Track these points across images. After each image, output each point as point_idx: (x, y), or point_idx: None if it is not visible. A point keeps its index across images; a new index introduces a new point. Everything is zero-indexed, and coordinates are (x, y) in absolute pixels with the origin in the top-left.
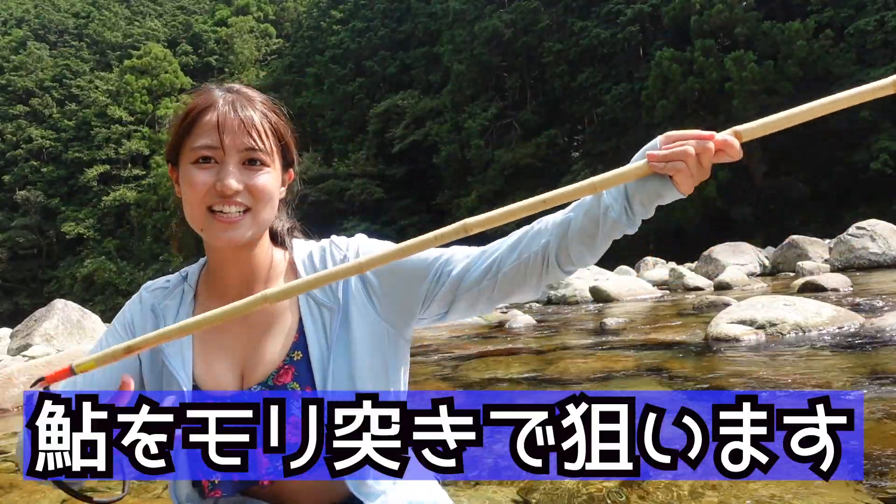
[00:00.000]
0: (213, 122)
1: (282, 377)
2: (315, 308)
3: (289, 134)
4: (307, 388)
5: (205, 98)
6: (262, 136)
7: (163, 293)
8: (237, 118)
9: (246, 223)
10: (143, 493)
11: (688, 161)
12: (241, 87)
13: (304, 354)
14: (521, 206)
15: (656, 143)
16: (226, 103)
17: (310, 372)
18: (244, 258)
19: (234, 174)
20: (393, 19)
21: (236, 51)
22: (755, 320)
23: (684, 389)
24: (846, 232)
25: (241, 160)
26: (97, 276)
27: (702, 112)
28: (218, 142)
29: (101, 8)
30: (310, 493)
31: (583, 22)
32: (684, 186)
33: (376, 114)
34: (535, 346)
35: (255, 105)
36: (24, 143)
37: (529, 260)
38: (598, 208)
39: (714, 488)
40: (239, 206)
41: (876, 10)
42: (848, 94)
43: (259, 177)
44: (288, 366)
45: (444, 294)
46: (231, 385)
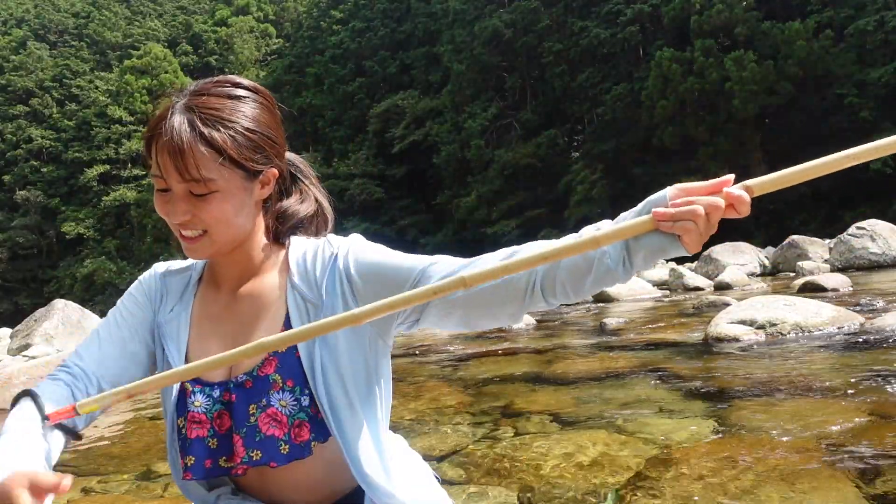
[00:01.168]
0: (158, 146)
1: (265, 368)
2: (301, 302)
3: (265, 132)
4: (288, 381)
5: (160, 115)
6: (199, 166)
7: (174, 270)
8: (175, 148)
9: (205, 244)
10: (142, 492)
11: (697, 221)
12: (208, 84)
13: (287, 347)
14: (518, 262)
15: (665, 197)
16: (168, 129)
17: (291, 365)
18: (232, 258)
19: (179, 205)
20: (393, 19)
21: (236, 51)
22: (755, 320)
23: (685, 389)
24: (846, 232)
25: (184, 190)
26: (97, 276)
27: (702, 112)
28: (160, 172)
29: (101, 8)
30: (306, 489)
31: (583, 22)
32: (692, 245)
33: (376, 114)
34: (534, 346)
35: (208, 121)
36: (24, 143)
37: (512, 282)
38: (595, 252)
39: (714, 489)
40: (195, 230)
41: (876, 10)
42: (866, 147)
43: (206, 205)
44: (272, 357)
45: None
46: (220, 372)
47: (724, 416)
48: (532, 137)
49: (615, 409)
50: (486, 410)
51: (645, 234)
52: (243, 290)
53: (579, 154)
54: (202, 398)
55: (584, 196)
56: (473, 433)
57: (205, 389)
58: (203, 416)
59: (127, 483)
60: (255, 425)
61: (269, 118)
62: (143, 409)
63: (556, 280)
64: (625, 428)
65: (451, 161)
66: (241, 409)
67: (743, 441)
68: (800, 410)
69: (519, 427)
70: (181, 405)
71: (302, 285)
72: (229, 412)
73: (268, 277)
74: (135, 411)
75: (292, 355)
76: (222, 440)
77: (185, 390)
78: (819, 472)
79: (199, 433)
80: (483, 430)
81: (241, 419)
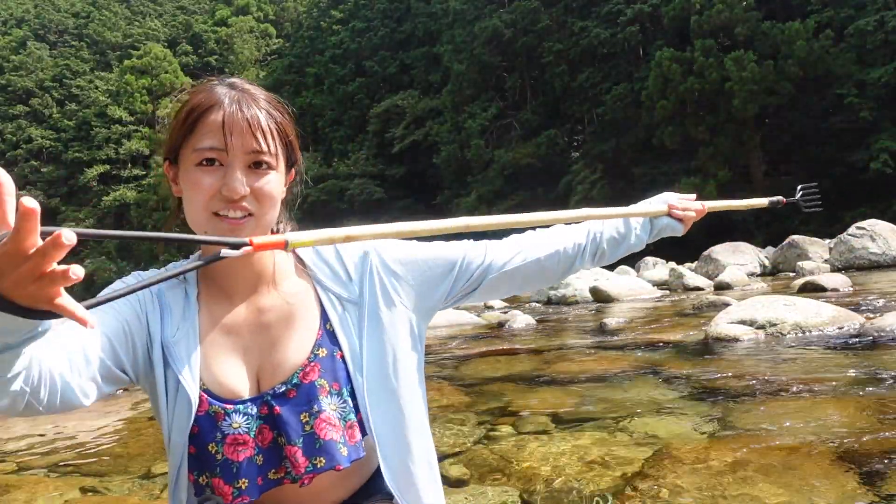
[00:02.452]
0: (218, 122)
1: (308, 374)
2: (338, 303)
3: (293, 133)
4: (334, 384)
5: (208, 96)
6: (267, 138)
7: (169, 284)
8: (243, 118)
9: (249, 227)
10: (142, 492)
11: (698, 213)
12: (243, 82)
13: (328, 351)
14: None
15: (672, 198)
16: (232, 102)
17: (335, 368)
18: (251, 259)
19: (239, 178)
20: (393, 19)
21: (236, 51)
22: (755, 320)
23: (684, 389)
24: (846, 232)
25: (246, 163)
26: (97, 276)
27: (702, 112)
28: (223, 144)
29: (101, 8)
30: (329, 489)
31: (583, 22)
32: (687, 228)
33: (376, 114)
34: (534, 346)
35: (260, 103)
36: (24, 143)
37: (565, 252)
38: (628, 229)
39: (714, 489)
40: (243, 211)
41: (876, 10)
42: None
43: (264, 180)
44: (313, 363)
45: (473, 281)
46: (247, 388)
47: (723, 415)
48: (532, 137)
49: (615, 409)
50: (486, 410)
51: (660, 217)
52: (262, 299)
53: (579, 154)
54: (240, 418)
55: (584, 196)
56: (473, 433)
57: (239, 408)
58: (247, 436)
59: (127, 483)
60: (311, 433)
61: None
62: (142, 409)
63: (598, 248)
64: (624, 428)
65: (451, 161)
66: (290, 420)
67: (743, 441)
68: (800, 410)
69: (519, 427)
70: (210, 430)
71: (334, 286)
72: (270, 425)
73: (288, 280)
74: (134, 411)
75: (334, 357)
76: (268, 454)
77: (216, 414)
78: (819, 471)
79: (247, 454)
80: (483, 430)
81: (294, 430)
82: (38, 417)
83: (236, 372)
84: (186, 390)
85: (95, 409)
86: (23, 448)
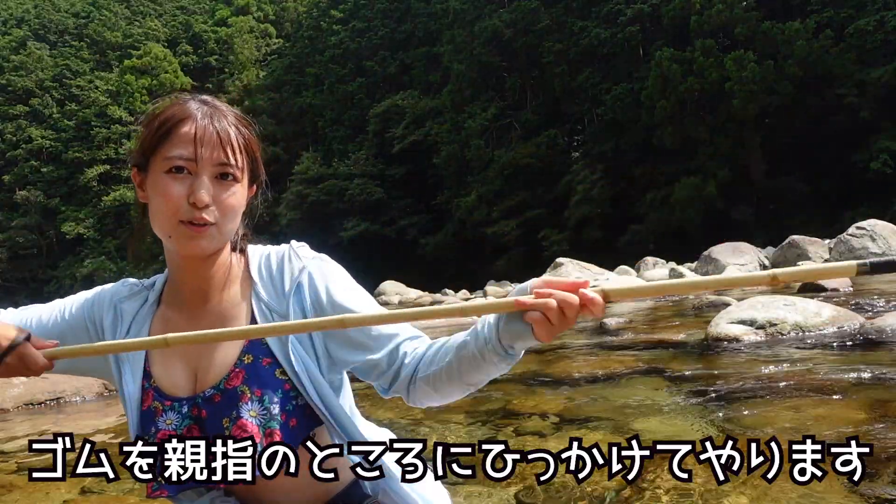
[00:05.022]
0: (190, 133)
1: (232, 380)
2: (268, 312)
3: (258, 150)
4: (256, 391)
5: (181, 108)
6: (235, 152)
7: (131, 293)
8: (214, 132)
9: (212, 234)
10: (142, 492)
11: (548, 314)
12: (214, 99)
13: (253, 358)
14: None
15: (526, 288)
16: (204, 116)
17: (259, 375)
18: (203, 268)
19: (206, 187)
20: (393, 19)
21: (236, 51)
22: (755, 320)
23: (685, 389)
24: (846, 232)
25: (213, 174)
26: (97, 276)
27: (702, 112)
28: (193, 154)
29: (101, 8)
30: (296, 490)
31: (583, 22)
32: (543, 335)
33: (376, 114)
34: (534, 345)
35: (230, 119)
36: (24, 143)
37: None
38: (483, 341)
39: (714, 489)
40: (206, 220)
41: (876, 10)
42: (724, 278)
43: (229, 192)
44: (238, 369)
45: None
46: (186, 388)
47: (724, 415)
48: (532, 137)
49: (615, 409)
50: (486, 410)
51: (511, 320)
52: (207, 305)
53: (579, 154)
54: (173, 415)
55: (584, 196)
56: (473, 433)
57: (174, 406)
58: (173, 432)
59: (126, 483)
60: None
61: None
62: None
63: (453, 370)
64: (625, 427)
65: (451, 161)
66: (214, 424)
67: (743, 441)
68: (800, 410)
69: (519, 427)
70: (147, 424)
71: (267, 296)
72: (199, 426)
73: (231, 290)
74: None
75: (259, 364)
76: None
77: (156, 410)
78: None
79: None
80: (483, 430)
81: (216, 433)
82: (39, 417)
83: (177, 372)
84: (127, 387)
85: (95, 409)
86: (23, 448)
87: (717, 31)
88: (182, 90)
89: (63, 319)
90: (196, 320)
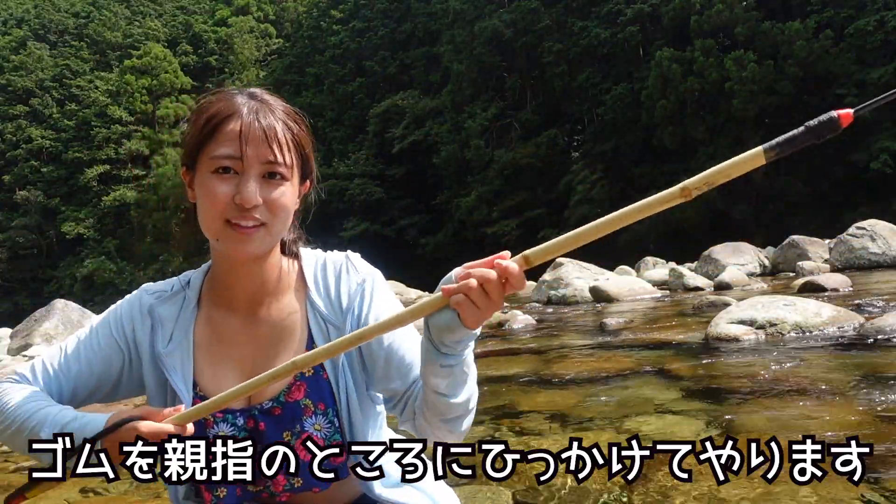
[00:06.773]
0: (235, 131)
1: (294, 394)
2: (322, 324)
3: (309, 146)
4: (320, 404)
5: (227, 104)
6: (283, 149)
7: (162, 298)
8: (260, 129)
9: (260, 236)
10: (142, 492)
11: (470, 294)
12: (263, 93)
13: (314, 370)
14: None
15: (451, 277)
16: (250, 112)
17: (321, 388)
18: (255, 270)
19: (253, 187)
20: (393, 19)
21: (236, 51)
22: (755, 320)
23: (685, 389)
24: (846, 232)
25: (261, 172)
26: (97, 276)
27: (702, 112)
28: (239, 152)
29: (101, 8)
30: (322, 499)
31: (583, 22)
32: (469, 320)
33: (376, 114)
34: (535, 346)
35: (278, 114)
36: (24, 143)
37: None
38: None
39: (714, 489)
40: (255, 220)
41: (876, 10)
42: (638, 205)
43: (278, 191)
44: (300, 382)
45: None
46: (240, 401)
47: (723, 415)
48: (532, 137)
49: (615, 409)
50: (487, 410)
51: (436, 312)
52: (261, 310)
53: (579, 154)
54: (227, 427)
55: (584, 196)
56: (473, 433)
57: (228, 418)
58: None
59: (127, 483)
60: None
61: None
62: None
63: (426, 404)
64: (625, 428)
65: (451, 161)
66: (273, 437)
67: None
68: (800, 410)
69: (519, 427)
70: (199, 436)
71: (321, 305)
72: (254, 439)
73: (286, 295)
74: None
75: (321, 377)
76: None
77: (206, 421)
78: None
79: None
80: (483, 430)
81: (275, 447)
82: None
83: (229, 382)
84: (180, 397)
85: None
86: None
87: (717, 31)
88: (230, 87)
89: (94, 356)
90: (253, 327)
